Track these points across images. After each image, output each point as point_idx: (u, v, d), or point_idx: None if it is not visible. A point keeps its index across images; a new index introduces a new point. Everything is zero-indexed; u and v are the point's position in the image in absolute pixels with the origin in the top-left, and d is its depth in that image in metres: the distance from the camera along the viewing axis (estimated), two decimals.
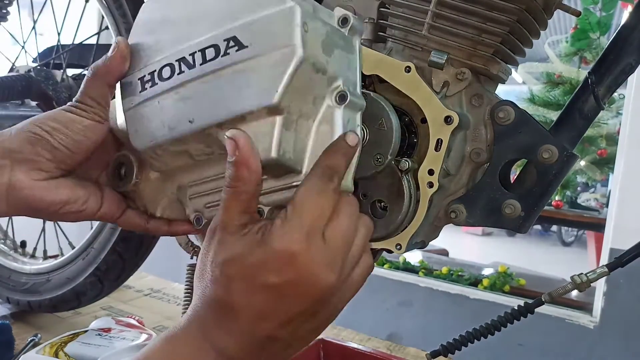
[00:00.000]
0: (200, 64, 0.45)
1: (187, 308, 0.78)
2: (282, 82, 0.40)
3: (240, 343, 0.41)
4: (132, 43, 0.50)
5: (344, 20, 0.46)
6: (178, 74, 0.46)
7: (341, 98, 0.44)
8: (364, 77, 0.50)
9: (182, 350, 0.41)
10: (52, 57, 1.09)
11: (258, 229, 0.41)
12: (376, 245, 0.53)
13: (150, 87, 0.48)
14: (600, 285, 1.87)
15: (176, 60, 0.46)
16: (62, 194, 0.49)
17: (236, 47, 0.43)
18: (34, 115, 0.49)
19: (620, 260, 0.55)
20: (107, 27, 0.97)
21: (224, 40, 0.43)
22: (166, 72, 0.47)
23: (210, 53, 0.44)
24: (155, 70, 0.47)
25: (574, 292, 0.58)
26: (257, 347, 0.41)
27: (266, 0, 0.42)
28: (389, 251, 0.53)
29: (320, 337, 0.83)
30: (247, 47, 0.42)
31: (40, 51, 1.16)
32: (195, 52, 0.45)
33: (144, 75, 0.48)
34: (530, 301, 0.60)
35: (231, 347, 0.41)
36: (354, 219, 0.42)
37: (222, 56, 0.44)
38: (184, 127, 0.46)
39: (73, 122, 0.48)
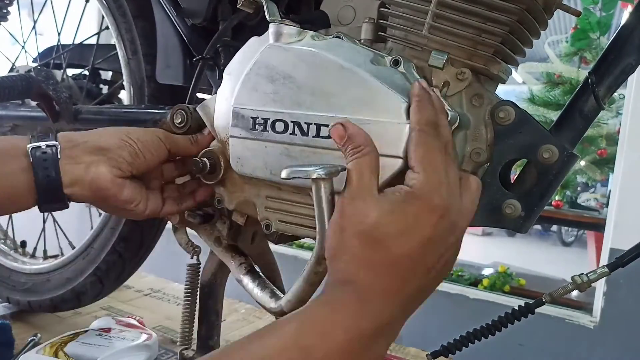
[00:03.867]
0: (313, 136, 0.51)
1: (187, 308, 0.78)
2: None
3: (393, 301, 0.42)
4: (249, 76, 0.55)
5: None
6: (290, 134, 0.52)
7: None
8: None
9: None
10: (52, 57, 1.09)
11: (395, 191, 0.43)
12: None
13: (262, 130, 0.54)
14: (600, 285, 1.87)
15: (291, 122, 0.52)
16: (127, 193, 0.58)
17: None
18: (34, 115, 0.49)
19: (621, 261, 0.55)
20: (107, 27, 0.97)
21: None
22: (279, 127, 0.53)
23: (324, 131, 0.50)
24: (269, 119, 0.53)
25: (574, 292, 0.58)
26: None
27: (387, 110, 0.47)
28: None
29: None
30: None
31: (40, 51, 1.16)
32: (312, 124, 0.51)
33: (257, 117, 0.54)
34: (530, 301, 0.60)
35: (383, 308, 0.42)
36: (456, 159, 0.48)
37: None
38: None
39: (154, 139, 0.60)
